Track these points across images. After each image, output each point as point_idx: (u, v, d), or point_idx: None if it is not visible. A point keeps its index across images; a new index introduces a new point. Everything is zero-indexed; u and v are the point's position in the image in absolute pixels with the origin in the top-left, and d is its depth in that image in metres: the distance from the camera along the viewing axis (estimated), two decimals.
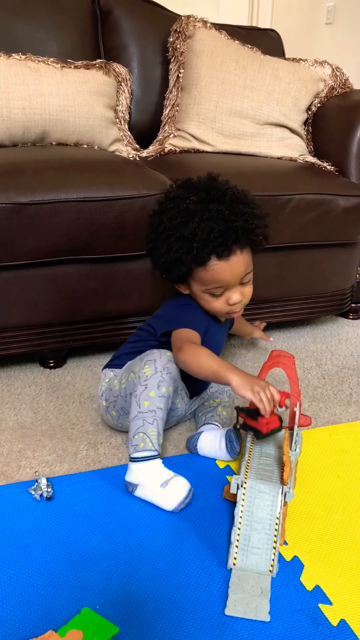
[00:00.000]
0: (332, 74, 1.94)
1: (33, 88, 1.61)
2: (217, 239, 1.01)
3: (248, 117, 1.82)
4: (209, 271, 1.05)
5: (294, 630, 0.79)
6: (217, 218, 1.01)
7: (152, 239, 1.09)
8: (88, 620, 0.78)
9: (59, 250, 1.34)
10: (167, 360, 1.06)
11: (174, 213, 1.04)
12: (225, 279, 1.06)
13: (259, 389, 0.95)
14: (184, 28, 1.89)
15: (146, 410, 1.03)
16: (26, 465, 1.13)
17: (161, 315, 1.19)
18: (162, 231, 1.05)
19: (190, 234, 1.01)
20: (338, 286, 1.78)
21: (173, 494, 0.99)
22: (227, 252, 1.03)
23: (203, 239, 1.01)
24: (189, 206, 1.03)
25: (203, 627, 0.79)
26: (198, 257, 1.03)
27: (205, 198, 1.04)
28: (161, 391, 1.03)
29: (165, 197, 1.10)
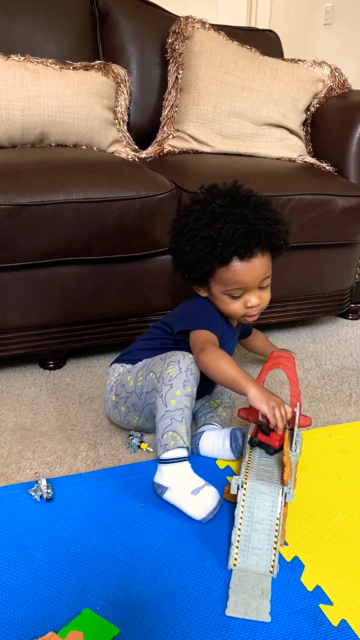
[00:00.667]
0: (331, 74, 1.94)
1: (32, 89, 1.61)
2: (240, 240, 1.04)
3: (247, 118, 1.83)
4: (230, 272, 1.08)
5: (295, 631, 0.79)
6: (241, 221, 1.05)
7: (176, 240, 1.12)
8: (89, 621, 0.78)
9: (58, 252, 1.34)
10: (190, 362, 1.07)
11: (199, 215, 1.07)
12: (245, 280, 1.09)
13: (274, 405, 0.99)
14: (183, 29, 1.89)
15: (174, 409, 1.03)
16: (26, 467, 1.13)
17: (178, 314, 1.21)
18: (187, 232, 1.08)
19: (215, 234, 1.04)
20: (337, 286, 1.78)
21: (204, 503, 0.98)
22: (249, 253, 1.06)
23: (227, 239, 1.04)
24: (215, 209, 1.06)
25: (204, 628, 0.79)
26: (221, 256, 1.06)
27: (231, 202, 1.07)
28: (187, 390, 1.04)
29: (192, 201, 1.13)
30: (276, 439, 1.00)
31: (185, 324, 1.16)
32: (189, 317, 1.17)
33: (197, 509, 0.98)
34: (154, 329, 1.24)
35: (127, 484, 1.08)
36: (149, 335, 1.24)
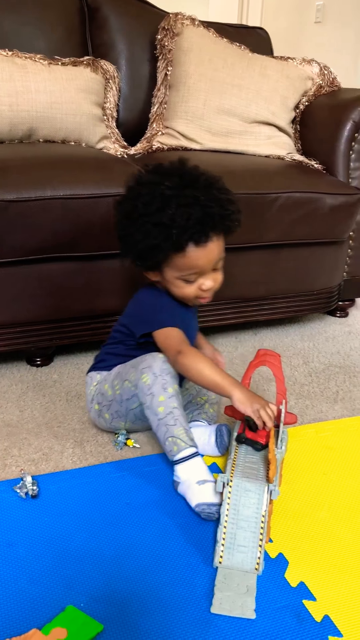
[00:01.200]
0: (320, 72, 1.94)
1: (20, 84, 1.60)
2: (195, 226, 1.00)
3: (236, 115, 1.83)
4: (186, 257, 1.03)
5: (279, 627, 0.79)
6: (193, 204, 1.00)
7: (124, 226, 1.06)
8: (72, 618, 0.78)
9: (45, 248, 1.34)
10: (162, 362, 1.06)
11: (148, 199, 1.01)
12: (201, 264, 1.05)
13: (259, 407, 1.00)
14: (172, 25, 1.88)
15: (164, 415, 1.03)
16: (12, 464, 1.13)
17: (134, 313, 1.17)
18: (136, 217, 1.02)
19: (168, 220, 0.99)
20: (325, 284, 1.79)
21: (204, 494, 0.98)
22: (205, 238, 1.02)
23: (182, 226, 0.99)
24: (165, 192, 1.00)
25: (188, 625, 0.79)
26: (176, 244, 1.01)
27: (179, 183, 1.02)
28: (169, 392, 1.04)
29: (137, 183, 1.06)
30: (263, 435, 1.01)
31: (145, 325, 1.12)
32: (146, 316, 1.13)
33: (196, 496, 0.99)
34: (115, 333, 1.21)
35: (113, 481, 1.08)
36: (113, 340, 1.21)
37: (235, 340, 1.74)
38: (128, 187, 1.07)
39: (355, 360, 1.64)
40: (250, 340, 1.76)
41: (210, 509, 0.97)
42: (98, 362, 1.23)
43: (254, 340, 1.75)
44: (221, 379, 1.02)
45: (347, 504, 1.05)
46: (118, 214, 1.08)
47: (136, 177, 1.08)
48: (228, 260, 1.57)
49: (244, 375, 1.16)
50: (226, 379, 1.03)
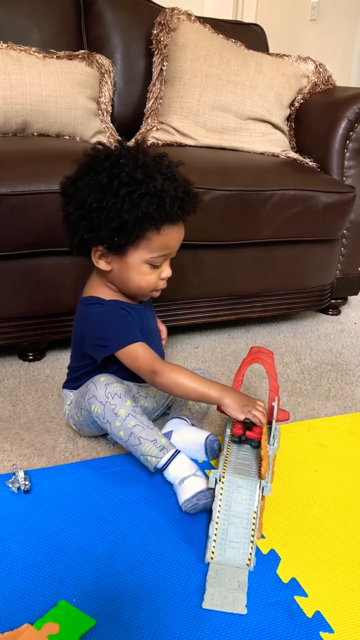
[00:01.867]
0: (316, 70, 1.95)
1: (14, 77, 1.59)
2: (181, 200, 0.97)
3: (231, 112, 1.82)
4: (164, 235, 1.00)
5: (270, 622, 0.80)
6: (174, 179, 0.98)
7: (97, 199, 0.95)
8: (65, 613, 0.78)
9: (39, 242, 1.33)
10: (103, 387, 1.03)
11: (130, 168, 0.94)
12: (174, 244, 1.03)
13: (249, 408, 1.01)
14: (168, 20, 1.88)
15: (126, 438, 1.02)
16: (4, 459, 1.12)
17: (88, 335, 1.08)
18: (117, 187, 0.94)
19: (159, 190, 0.94)
20: (318, 282, 1.80)
21: (182, 494, 0.99)
22: (184, 215, 1.00)
23: (173, 197, 0.95)
24: (147, 162, 0.96)
25: (180, 621, 0.79)
26: (168, 215, 0.96)
27: (154, 158, 0.99)
28: (122, 413, 1.02)
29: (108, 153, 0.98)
30: (258, 432, 1.01)
31: (102, 349, 1.05)
32: (99, 336, 1.06)
33: (179, 497, 1.00)
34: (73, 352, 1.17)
35: (105, 477, 1.08)
36: (74, 362, 1.17)
37: (227, 337, 1.75)
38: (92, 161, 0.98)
39: (347, 357, 1.65)
40: (243, 337, 1.76)
41: (191, 501, 0.97)
42: (68, 381, 1.20)
43: (246, 337, 1.75)
44: (207, 389, 1.01)
45: (338, 500, 1.06)
46: (85, 188, 0.96)
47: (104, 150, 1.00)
48: (221, 258, 1.58)
49: (236, 372, 1.16)
50: (211, 387, 1.02)
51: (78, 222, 0.99)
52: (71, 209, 0.99)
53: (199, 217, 1.43)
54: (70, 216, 1.01)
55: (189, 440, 1.14)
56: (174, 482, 1.02)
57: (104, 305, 1.08)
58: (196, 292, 1.61)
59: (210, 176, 1.47)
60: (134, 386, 1.15)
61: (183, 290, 1.58)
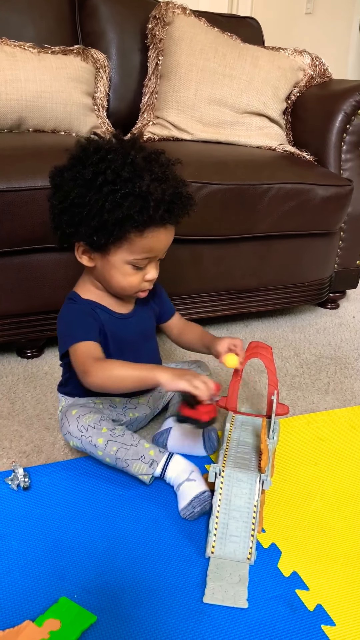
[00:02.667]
0: (312, 63, 1.94)
1: (9, 73, 1.58)
2: (169, 203, 0.93)
3: (227, 106, 1.82)
4: (148, 237, 0.95)
5: (271, 616, 0.80)
6: (165, 179, 0.93)
7: (79, 194, 0.91)
8: (66, 609, 0.78)
9: (35, 238, 1.32)
10: (75, 420, 1.01)
11: (117, 165, 0.90)
12: (159, 248, 0.99)
13: (190, 377, 0.93)
14: (163, 14, 1.87)
15: (114, 463, 1.01)
16: (3, 456, 1.12)
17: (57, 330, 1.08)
18: (101, 184, 0.90)
19: (145, 192, 0.89)
20: (316, 276, 1.79)
21: (180, 501, 0.98)
22: (172, 218, 0.96)
23: (158, 200, 0.91)
24: (136, 160, 0.91)
25: (181, 615, 0.79)
26: (151, 218, 0.92)
27: (146, 156, 0.94)
28: (100, 443, 0.99)
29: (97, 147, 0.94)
30: (204, 411, 0.94)
31: (62, 344, 1.04)
32: (60, 332, 1.05)
33: (178, 505, 0.98)
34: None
35: (105, 473, 1.08)
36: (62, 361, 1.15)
37: (226, 332, 1.74)
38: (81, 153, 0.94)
39: (346, 351, 1.65)
40: (242, 331, 1.76)
41: (187, 509, 0.96)
42: (60, 384, 1.18)
43: (245, 332, 1.75)
44: (139, 372, 0.96)
45: (338, 493, 1.06)
46: (69, 181, 0.93)
47: (94, 143, 0.95)
48: (219, 252, 1.58)
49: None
50: (143, 369, 0.96)
51: (61, 215, 0.96)
52: (55, 201, 0.96)
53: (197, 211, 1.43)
54: (54, 208, 0.97)
55: (187, 437, 1.13)
56: (173, 486, 1.01)
57: (76, 302, 1.06)
58: (194, 287, 1.61)
59: (207, 170, 1.47)
60: (119, 403, 1.13)
61: (181, 285, 1.57)
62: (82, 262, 1.03)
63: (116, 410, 1.12)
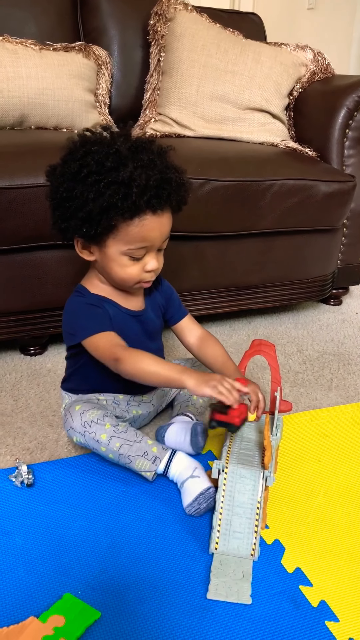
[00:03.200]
0: (314, 59, 1.93)
1: (11, 70, 1.58)
2: (155, 189, 0.92)
3: (229, 102, 1.81)
4: (139, 226, 0.94)
5: (275, 612, 0.80)
6: (151, 167, 0.92)
7: (69, 187, 0.92)
8: (70, 605, 0.78)
9: (38, 236, 1.32)
10: (79, 415, 1.02)
11: (102, 156, 0.90)
12: (153, 237, 0.98)
13: (215, 383, 0.92)
14: (165, 10, 1.86)
15: (117, 459, 1.01)
16: (6, 453, 1.12)
17: (63, 326, 1.10)
18: (85, 176, 0.91)
19: (127, 178, 0.89)
20: (319, 272, 1.79)
21: (184, 497, 0.98)
22: (162, 204, 0.95)
23: (141, 185, 0.90)
24: (121, 149, 0.91)
25: (185, 611, 0.79)
26: (135, 205, 0.91)
27: (134, 145, 0.94)
28: (103, 439, 1.00)
29: (83, 142, 0.95)
30: (235, 415, 0.94)
31: (70, 337, 1.06)
32: (68, 327, 1.07)
33: (183, 502, 0.99)
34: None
35: (108, 469, 1.08)
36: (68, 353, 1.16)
37: (229, 329, 1.74)
38: (70, 148, 0.96)
39: (349, 348, 1.65)
40: (244, 328, 1.75)
41: (193, 506, 0.96)
42: (63, 380, 1.18)
43: (247, 329, 1.75)
44: (169, 372, 0.95)
45: (342, 490, 1.06)
46: (59, 176, 0.95)
47: (81, 137, 0.97)
48: (222, 249, 1.58)
49: (238, 364, 1.16)
50: (173, 369, 0.96)
51: (54, 211, 0.98)
52: (49, 198, 0.98)
53: (199, 207, 1.44)
54: (50, 205, 0.99)
55: (179, 434, 1.12)
56: (176, 483, 1.02)
57: (84, 296, 1.06)
58: (197, 284, 1.61)
59: (210, 167, 1.46)
60: (122, 400, 1.13)
61: (183, 281, 1.57)
62: (82, 256, 1.03)
63: (120, 407, 1.12)
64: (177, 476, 1.01)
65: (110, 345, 0.99)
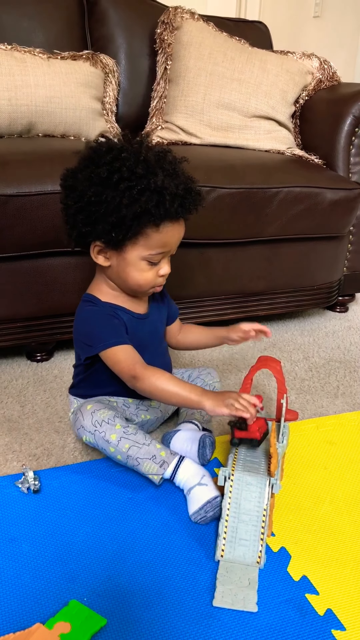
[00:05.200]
0: (320, 66, 1.94)
1: (19, 79, 1.60)
2: (181, 198, 0.96)
3: (236, 110, 1.82)
4: (162, 232, 0.97)
5: (281, 620, 0.79)
6: (176, 175, 0.96)
7: (96, 192, 0.93)
8: (76, 612, 0.78)
9: (45, 243, 1.33)
10: (90, 414, 1.03)
11: (131, 163, 0.92)
12: (172, 242, 1.01)
13: (231, 402, 0.95)
14: (172, 19, 1.87)
15: (125, 461, 1.01)
16: (13, 459, 1.13)
17: (75, 337, 1.11)
18: (117, 181, 0.92)
19: (160, 187, 0.92)
20: (325, 279, 1.79)
21: (191, 504, 0.98)
22: (185, 212, 0.99)
23: (173, 194, 0.93)
24: (149, 157, 0.94)
25: (191, 619, 0.79)
26: (167, 212, 0.94)
27: (156, 154, 0.96)
28: (113, 439, 1.00)
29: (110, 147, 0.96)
30: (254, 429, 0.97)
31: (87, 348, 1.05)
32: (85, 337, 1.06)
33: (189, 509, 0.98)
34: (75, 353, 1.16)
35: (114, 476, 1.08)
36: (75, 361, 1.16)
37: None
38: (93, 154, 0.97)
39: (355, 355, 1.65)
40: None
41: (199, 514, 0.96)
42: (72, 386, 1.19)
43: None
44: (188, 393, 0.97)
45: (348, 497, 1.05)
46: (84, 180, 0.95)
47: (107, 143, 0.98)
48: (228, 256, 1.58)
49: (244, 378, 1.16)
50: (192, 391, 0.98)
51: (76, 215, 0.98)
52: (70, 202, 0.98)
53: (206, 215, 1.44)
54: (68, 209, 0.99)
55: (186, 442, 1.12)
56: (183, 489, 1.02)
57: (96, 305, 1.07)
58: (203, 291, 1.61)
59: (216, 174, 1.47)
60: (132, 404, 1.14)
61: (190, 288, 1.58)
62: (97, 262, 1.04)
63: (129, 410, 1.13)
64: (184, 482, 1.01)
65: (131, 361, 1.01)
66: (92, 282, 1.12)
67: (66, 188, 0.99)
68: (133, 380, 1.00)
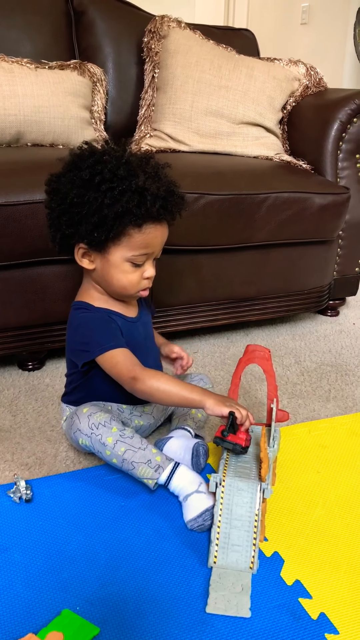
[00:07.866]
0: (307, 73, 1.96)
1: (7, 89, 1.60)
2: (163, 199, 0.97)
3: (224, 117, 1.83)
4: (144, 233, 0.99)
5: (275, 625, 0.79)
6: (158, 178, 0.98)
7: (78, 194, 0.95)
8: (68, 621, 0.77)
9: (35, 252, 1.33)
10: (87, 417, 1.02)
11: (113, 165, 0.95)
12: (155, 244, 1.03)
13: (232, 403, 0.98)
14: (159, 28, 1.89)
15: (120, 464, 1.01)
16: (5, 468, 1.12)
17: (71, 341, 1.11)
18: (99, 183, 0.94)
19: (141, 187, 0.94)
20: (316, 283, 1.80)
21: (187, 512, 0.98)
22: (167, 214, 1.00)
23: (154, 195, 0.96)
24: (131, 160, 0.97)
25: (184, 626, 0.79)
26: (148, 212, 0.96)
27: (140, 158, 0.99)
28: (109, 442, 1.00)
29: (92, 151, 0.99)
30: (243, 437, 0.98)
31: (84, 353, 1.05)
32: (80, 342, 1.07)
33: (185, 515, 0.98)
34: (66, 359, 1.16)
35: (106, 484, 1.08)
36: (67, 370, 1.17)
37: (227, 341, 1.75)
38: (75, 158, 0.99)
39: (346, 358, 1.65)
40: (242, 340, 1.76)
41: (197, 521, 0.96)
42: (65, 394, 1.19)
43: (245, 341, 1.75)
44: (188, 393, 0.98)
45: (341, 501, 1.05)
46: (67, 183, 0.97)
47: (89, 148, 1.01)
48: (218, 262, 1.59)
49: (234, 373, 1.16)
50: (193, 391, 0.99)
51: (60, 217, 0.99)
52: (54, 204, 1.00)
53: (195, 221, 1.45)
54: (52, 212, 1.01)
55: (179, 450, 1.12)
56: (178, 496, 1.01)
57: (90, 310, 1.07)
58: (194, 297, 1.62)
59: (205, 181, 1.48)
60: (126, 409, 1.14)
61: (181, 295, 1.58)
62: (82, 265, 1.05)
63: (123, 415, 1.13)
64: (179, 489, 1.00)
65: (130, 363, 1.01)
66: (80, 289, 1.12)
67: (50, 192, 1.02)
68: (133, 382, 1.00)
